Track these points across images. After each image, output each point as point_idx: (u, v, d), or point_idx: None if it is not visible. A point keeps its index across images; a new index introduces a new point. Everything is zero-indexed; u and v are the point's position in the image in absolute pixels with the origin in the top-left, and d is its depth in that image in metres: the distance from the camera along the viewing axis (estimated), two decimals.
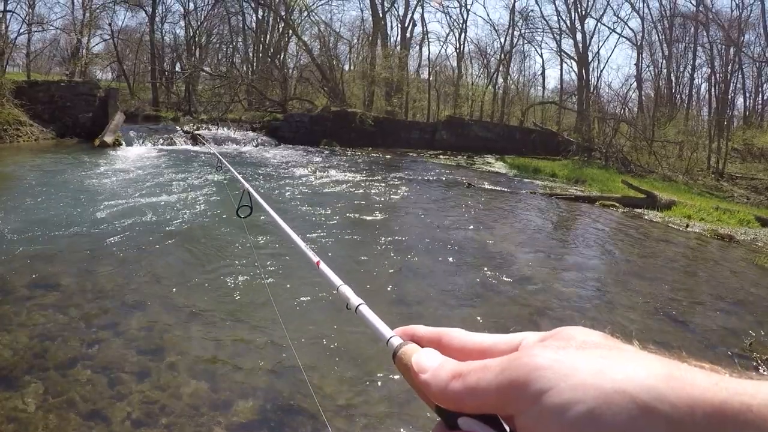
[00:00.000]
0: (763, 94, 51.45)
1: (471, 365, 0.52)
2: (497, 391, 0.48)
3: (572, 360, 0.46)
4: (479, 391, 0.49)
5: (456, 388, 0.50)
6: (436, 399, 0.52)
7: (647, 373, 0.43)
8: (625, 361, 0.45)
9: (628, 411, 0.40)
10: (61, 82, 27.23)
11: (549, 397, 0.44)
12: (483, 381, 0.49)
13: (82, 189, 13.51)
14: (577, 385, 0.43)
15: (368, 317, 0.75)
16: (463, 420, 0.51)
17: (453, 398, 0.51)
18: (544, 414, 0.44)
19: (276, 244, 9.58)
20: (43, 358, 5.36)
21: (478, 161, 33.31)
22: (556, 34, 51.11)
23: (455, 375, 0.51)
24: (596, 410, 0.41)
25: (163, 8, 44.26)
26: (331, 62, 42.88)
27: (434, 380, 0.53)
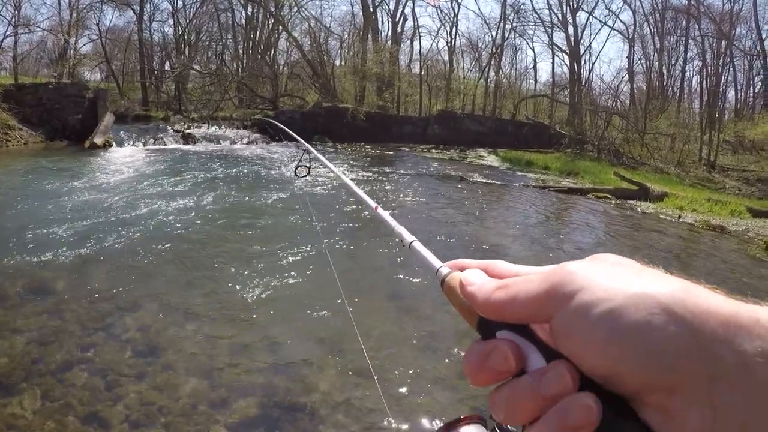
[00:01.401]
0: (754, 87, 51.71)
1: (514, 279, 0.57)
2: (537, 296, 0.52)
3: (604, 269, 0.51)
4: (521, 297, 0.53)
5: (500, 295, 0.55)
6: (480, 307, 0.56)
7: (670, 284, 0.47)
8: (651, 275, 0.50)
9: (651, 309, 0.44)
10: (49, 84, 26.91)
11: (581, 296, 0.48)
12: (525, 289, 0.53)
13: (73, 192, 13.46)
14: (606, 287, 0.48)
15: (420, 251, 0.79)
16: (502, 332, 0.54)
17: (496, 305, 0.54)
18: (576, 311, 0.48)
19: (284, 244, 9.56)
20: (39, 363, 5.35)
21: (471, 155, 33.31)
22: (547, 27, 51.19)
23: (500, 286, 0.56)
24: (622, 307, 0.45)
25: (151, 6, 43.83)
26: (322, 58, 42.83)
27: (480, 290, 0.57)
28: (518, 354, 0.52)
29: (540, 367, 0.50)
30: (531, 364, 0.51)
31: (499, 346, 0.53)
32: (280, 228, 11.12)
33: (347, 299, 7.13)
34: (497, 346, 0.53)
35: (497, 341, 0.54)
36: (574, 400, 0.46)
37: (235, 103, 39.24)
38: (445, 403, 5.15)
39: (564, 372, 0.48)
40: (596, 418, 0.44)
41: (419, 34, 53.36)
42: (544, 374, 0.48)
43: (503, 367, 0.52)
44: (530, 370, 0.51)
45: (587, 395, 0.46)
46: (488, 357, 0.53)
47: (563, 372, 0.48)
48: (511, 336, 0.54)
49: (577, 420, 0.45)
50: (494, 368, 0.52)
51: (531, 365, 0.51)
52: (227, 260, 8.84)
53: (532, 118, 45.50)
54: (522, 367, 0.51)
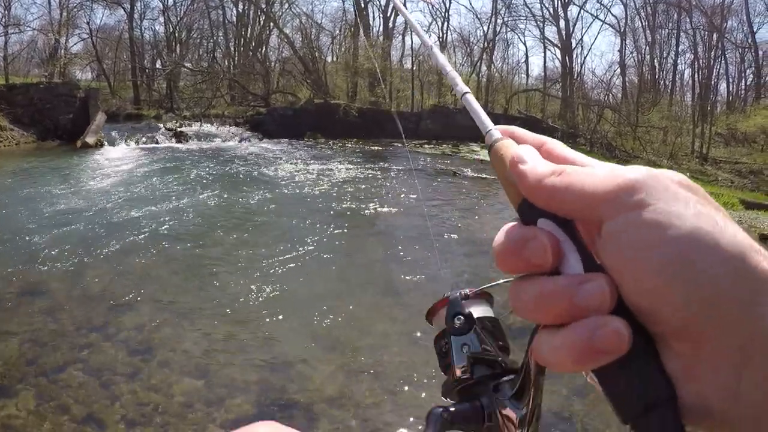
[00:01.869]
0: (745, 80, 51.81)
1: (574, 167, 0.51)
2: (599, 192, 0.47)
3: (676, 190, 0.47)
4: (578, 188, 0.48)
5: (554, 181, 0.49)
6: (528, 188, 0.51)
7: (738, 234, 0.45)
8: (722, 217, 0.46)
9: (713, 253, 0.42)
10: (40, 84, 26.83)
11: (647, 211, 0.44)
12: (586, 181, 0.48)
13: (66, 192, 13.42)
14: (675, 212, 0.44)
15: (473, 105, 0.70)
16: (543, 221, 0.50)
17: (548, 191, 0.50)
18: (636, 224, 0.44)
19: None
20: (35, 365, 5.34)
21: (464, 149, 33.26)
22: (539, 21, 51.12)
23: (556, 171, 0.50)
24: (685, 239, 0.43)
25: (141, 5, 43.71)
26: (314, 54, 42.73)
27: (533, 170, 0.51)
28: (558, 250, 0.48)
29: (577, 272, 0.47)
30: (568, 266, 0.48)
31: (540, 235, 0.49)
32: (273, 226, 11.11)
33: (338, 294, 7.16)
34: (538, 236, 0.49)
35: (538, 230, 0.50)
36: (607, 322, 0.43)
37: (227, 100, 39.14)
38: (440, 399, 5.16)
39: (605, 287, 0.44)
40: (625, 347, 0.43)
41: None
42: (584, 282, 0.45)
43: (539, 258, 0.48)
44: (566, 272, 0.48)
45: (622, 321, 0.43)
46: (526, 244, 0.49)
47: (604, 286, 0.45)
48: (554, 229, 0.50)
49: (605, 343, 0.43)
50: (529, 258, 0.49)
51: (567, 267, 0.48)
52: (220, 259, 8.84)
53: (525, 113, 45.49)
54: (557, 266, 0.48)
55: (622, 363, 0.43)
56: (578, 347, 0.44)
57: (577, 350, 0.44)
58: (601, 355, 0.43)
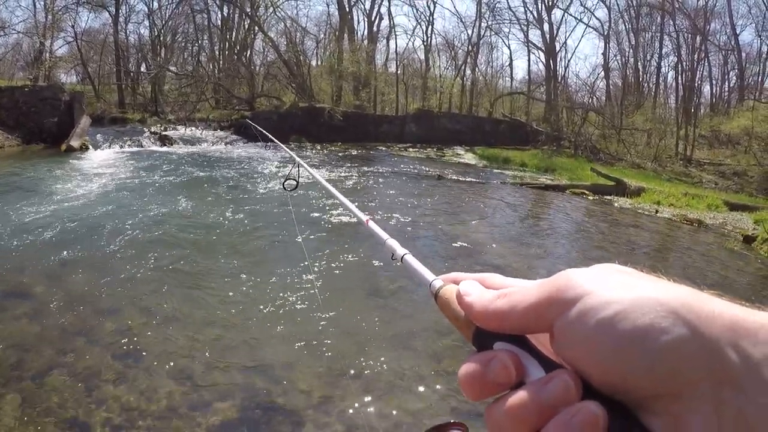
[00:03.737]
0: (729, 82, 52.47)
1: (514, 288, 0.56)
2: (538, 302, 0.51)
3: (606, 275, 0.50)
4: (522, 305, 0.52)
5: (500, 304, 0.53)
6: (478, 316, 0.55)
7: (675, 289, 0.47)
8: (655, 281, 0.49)
9: (657, 312, 0.44)
10: (24, 87, 26.69)
11: (585, 300, 0.47)
12: (525, 296, 0.52)
13: (50, 196, 13.36)
14: (612, 290, 0.47)
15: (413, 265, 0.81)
16: (499, 343, 0.53)
17: (495, 314, 0.53)
18: (579, 316, 0.47)
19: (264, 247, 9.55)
20: (18, 369, 5.32)
21: (448, 153, 33.43)
22: (523, 25, 51.35)
23: (500, 296, 0.54)
24: (628, 309, 0.45)
25: (126, 8, 43.63)
26: (298, 58, 42.74)
27: (479, 299, 0.56)
28: (518, 364, 0.51)
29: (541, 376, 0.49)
30: (531, 376, 0.50)
31: (499, 355, 0.52)
32: (259, 230, 11.10)
33: (322, 298, 7.17)
34: (496, 356, 0.52)
35: (496, 351, 0.53)
36: (578, 409, 0.45)
37: (211, 104, 39.14)
38: (426, 401, 5.17)
39: (567, 379, 0.47)
40: (602, 426, 0.43)
41: (395, 33, 53.21)
42: (547, 383, 0.47)
43: (502, 377, 0.50)
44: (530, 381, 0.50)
45: (592, 403, 0.45)
46: (487, 368, 0.51)
47: (566, 379, 0.47)
48: (510, 347, 0.53)
49: (583, 429, 0.44)
50: (493, 379, 0.51)
51: (531, 376, 0.50)
52: (205, 263, 8.82)
53: (509, 116, 45.69)
54: (521, 379, 0.50)
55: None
56: None
57: None
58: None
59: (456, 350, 6.25)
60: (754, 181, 28.92)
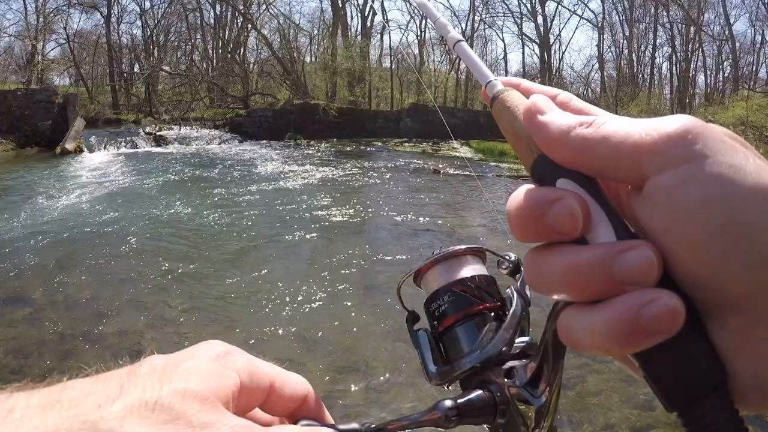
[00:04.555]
0: (723, 72, 52.36)
1: (605, 117, 0.44)
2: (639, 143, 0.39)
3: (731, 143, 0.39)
4: (615, 139, 0.40)
5: (584, 132, 0.42)
6: (550, 144, 0.44)
7: None
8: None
9: None
10: (17, 90, 26.67)
11: (708, 164, 0.37)
12: (623, 130, 0.41)
13: (45, 199, 13.34)
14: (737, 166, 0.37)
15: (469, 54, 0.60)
16: (563, 181, 0.43)
17: (575, 145, 0.42)
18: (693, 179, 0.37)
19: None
20: (19, 374, 5.30)
21: (444, 147, 33.33)
22: (516, 17, 51.43)
23: (584, 122, 0.43)
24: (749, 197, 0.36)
25: (118, 8, 43.50)
26: (292, 55, 42.67)
27: (556, 121, 0.44)
28: (587, 214, 0.41)
29: (611, 240, 0.40)
30: (597, 234, 0.41)
31: (567, 198, 0.41)
32: (255, 229, 11.08)
33: (321, 295, 7.18)
34: (564, 198, 0.41)
35: (564, 191, 0.42)
36: (656, 296, 0.37)
37: (206, 103, 39.00)
38: (425, 394, 5.17)
39: (651, 254, 0.38)
40: (679, 326, 0.37)
41: (389, 28, 53.17)
42: (625, 251, 0.38)
43: (566, 225, 0.41)
44: (595, 242, 0.41)
45: (674, 296, 0.37)
46: (549, 208, 0.41)
47: (650, 254, 0.38)
48: (579, 190, 0.42)
49: (656, 322, 0.36)
50: (553, 223, 0.41)
51: (597, 235, 0.41)
52: (202, 263, 8.82)
53: None
54: (584, 234, 0.41)
55: (670, 344, 0.37)
56: (622, 327, 0.37)
57: (621, 330, 0.37)
58: (650, 335, 0.37)
59: None
60: None
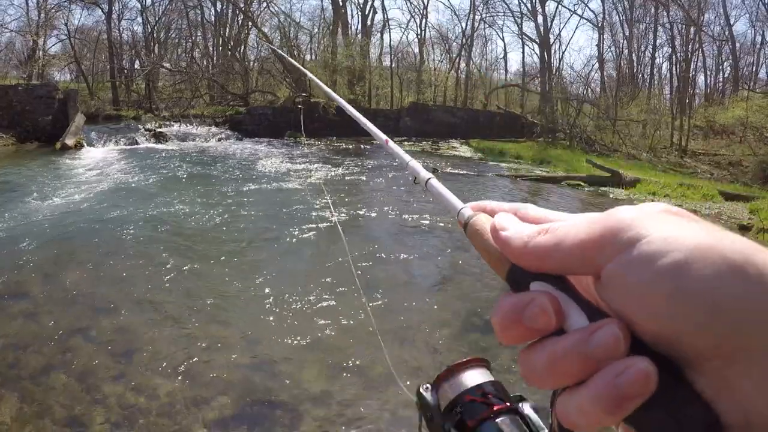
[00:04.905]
0: (723, 72, 52.55)
1: (557, 223, 0.51)
2: (587, 241, 0.46)
3: (665, 218, 0.46)
4: (568, 243, 0.47)
5: (542, 240, 0.49)
6: (516, 254, 0.50)
7: (737, 240, 0.42)
8: (714, 228, 0.44)
9: (720, 265, 0.40)
10: (18, 85, 26.57)
11: (642, 245, 0.43)
12: (573, 233, 0.47)
13: (44, 194, 13.33)
14: (669, 237, 0.42)
15: (439, 190, 0.76)
16: (536, 283, 0.49)
17: (536, 252, 0.49)
18: (637, 260, 0.43)
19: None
20: (16, 368, 5.32)
21: (443, 146, 33.38)
22: (517, 17, 51.17)
23: (541, 231, 0.50)
24: (688, 260, 0.40)
25: (119, 5, 43.43)
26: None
27: (517, 235, 0.51)
28: (558, 308, 0.46)
29: (583, 325, 0.45)
30: (572, 322, 0.46)
31: (537, 298, 0.47)
32: (254, 227, 11.10)
33: (322, 295, 7.19)
34: (535, 299, 0.47)
35: (534, 293, 0.48)
36: (628, 364, 0.41)
37: (206, 100, 38.97)
38: None
39: (616, 330, 0.42)
40: (653, 385, 0.40)
41: (389, 27, 53.20)
42: (594, 332, 0.43)
43: (541, 322, 0.46)
44: (571, 329, 0.46)
45: (642, 359, 0.41)
46: (524, 311, 0.47)
47: (615, 330, 0.42)
48: (549, 288, 0.48)
49: (632, 387, 0.40)
50: (530, 324, 0.47)
51: (572, 323, 0.46)
52: (202, 260, 8.82)
53: (504, 108, 45.65)
54: (561, 325, 0.46)
55: (655, 401, 0.41)
56: (605, 399, 0.41)
57: (605, 402, 0.41)
58: (631, 399, 0.41)
59: (454, 343, 6.27)
60: (749, 170, 28.98)
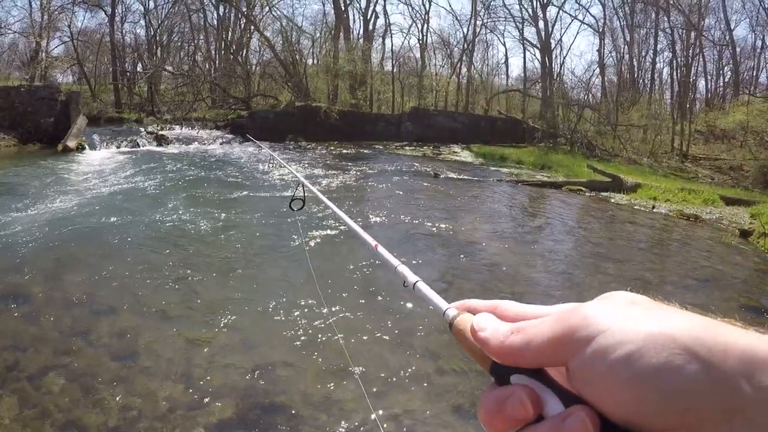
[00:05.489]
0: (724, 77, 52.58)
1: (528, 322, 0.56)
2: (552, 339, 0.52)
3: (620, 311, 0.51)
4: (536, 341, 0.53)
5: (514, 340, 0.54)
6: (494, 352, 0.56)
7: (687, 321, 0.47)
8: (667, 313, 0.50)
9: (670, 350, 0.45)
10: (21, 87, 26.52)
11: (600, 339, 0.48)
12: (540, 332, 0.53)
13: (46, 196, 13.32)
14: (624, 329, 0.48)
15: (426, 293, 0.79)
16: (516, 376, 0.54)
17: (510, 350, 0.54)
18: (595, 355, 0.48)
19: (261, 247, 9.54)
20: (15, 370, 5.31)
21: (444, 151, 33.39)
22: (518, 22, 51.28)
23: (514, 330, 0.56)
24: (642, 349, 0.46)
25: (122, 8, 43.69)
26: (294, 57, 42.70)
27: (493, 335, 0.56)
28: (535, 399, 0.52)
29: (559, 412, 0.50)
30: (549, 409, 0.51)
31: (516, 392, 0.53)
32: (256, 231, 11.09)
33: (325, 301, 7.18)
34: (514, 393, 0.53)
35: (514, 387, 0.54)
36: None
37: (208, 103, 39.02)
38: (423, 398, 5.17)
39: (584, 417, 0.48)
40: None
41: (391, 32, 53.28)
42: (565, 419, 0.48)
43: (520, 414, 0.52)
44: (549, 416, 0.51)
45: None
46: (505, 404, 0.53)
47: (583, 417, 0.48)
48: (527, 381, 0.54)
49: None
50: (512, 415, 0.52)
51: (549, 410, 0.51)
52: (202, 264, 8.81)
53: (505, 113, 45.70)
54: (539, 413, 0.52)
55: None
56: None
57: None
58: None
59: (453, 348, 6.26)
60: (750, 175, 29.00)
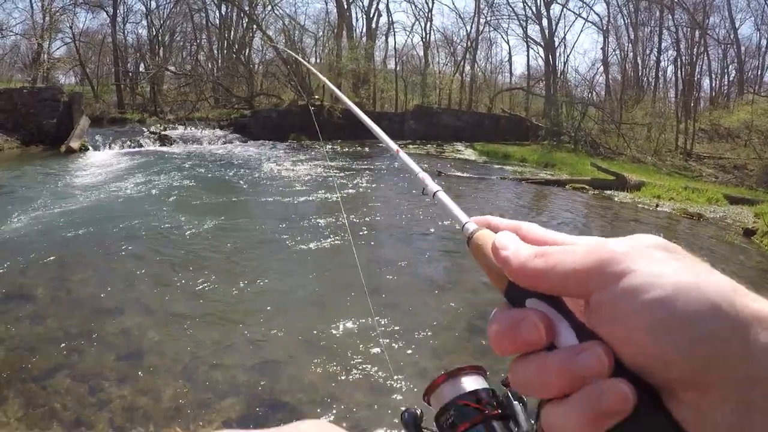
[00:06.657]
0: (728, 76, 52.46)
1: (553, 247, 0.53)
2: (580, 269, 0.49)
3: (651, 254, 0.49)
4: (561, 268, 0.50)
5: (538, 263, 0.51)
6: (513, 273, 0.53)
7: (719, 280, 0.45)
8: (698, 267, 0.48)
9: (700, 305, 0.43)
10: (23, 88, 26.52)
11: (630, 278, 0.46)
12: (567, 260, 0.50)
13: (49, 198, 13.32)
14: (655, 273, 0.46)
15: (446, 202, 0.77)
16: (531, 300, 0.52)
17: (532, 274, 0.52)
18: (622, 292, 0.46)
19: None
20: (22, 371, 5.32)
21: (448, 149, 33.38)
22: (521, 20, 51.16)
23: (538, 254, 0.52)
24: (670, 297, 0.44)
25: (124, 8, 43.60)
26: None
27: (515, 254, 0.53)
28: (549, 326, 0.50)
29: (573, 344, 0.49)
30: (562, 340, 0.50)
31: (531, 315, 0.50)
32: (258, 230, 11.09)
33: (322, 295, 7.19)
34: (528, 316, 0.51)
35: (528, 310, 0.52)
36: (609, 385, 0.45)
37: (210, 103, 39.01)
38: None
39: (601, 353, 0.46)
40: (631, 406, 0.44)
41: (394, 30, 53.19)
42: (580, 352, 0.47)
43: (533, 337, 0.50)
44: (562, 346, 0.49)
45: (623, 381, 0.44)
46: (518, 326, 0.51)
47: (600, 352, 0.46)
48: (543, 306, 0.52)
49: (611, 406, 0.44)
50: (523, 338, 0.50)
51: (562, 340, 0.50)
52: (206, 263, 8.82)
53: (509, 111, 45.64)
54: (552, 341, 0.50)
55: (633, 419, 0.44)
56: (586, 414, 0.45)
57: (586, 417, 0.45)
58: (609, 417, 0.44)
59: (457, 346, 6.27)
60: (754, 174, 28.90)
